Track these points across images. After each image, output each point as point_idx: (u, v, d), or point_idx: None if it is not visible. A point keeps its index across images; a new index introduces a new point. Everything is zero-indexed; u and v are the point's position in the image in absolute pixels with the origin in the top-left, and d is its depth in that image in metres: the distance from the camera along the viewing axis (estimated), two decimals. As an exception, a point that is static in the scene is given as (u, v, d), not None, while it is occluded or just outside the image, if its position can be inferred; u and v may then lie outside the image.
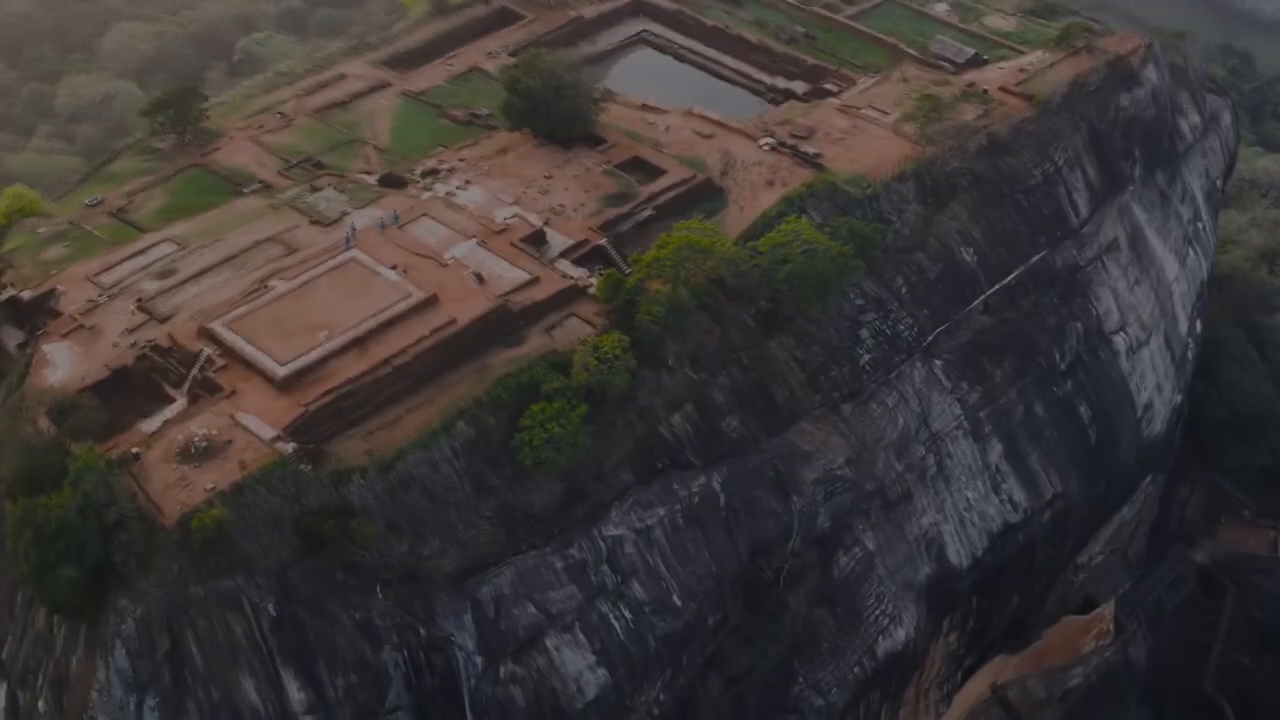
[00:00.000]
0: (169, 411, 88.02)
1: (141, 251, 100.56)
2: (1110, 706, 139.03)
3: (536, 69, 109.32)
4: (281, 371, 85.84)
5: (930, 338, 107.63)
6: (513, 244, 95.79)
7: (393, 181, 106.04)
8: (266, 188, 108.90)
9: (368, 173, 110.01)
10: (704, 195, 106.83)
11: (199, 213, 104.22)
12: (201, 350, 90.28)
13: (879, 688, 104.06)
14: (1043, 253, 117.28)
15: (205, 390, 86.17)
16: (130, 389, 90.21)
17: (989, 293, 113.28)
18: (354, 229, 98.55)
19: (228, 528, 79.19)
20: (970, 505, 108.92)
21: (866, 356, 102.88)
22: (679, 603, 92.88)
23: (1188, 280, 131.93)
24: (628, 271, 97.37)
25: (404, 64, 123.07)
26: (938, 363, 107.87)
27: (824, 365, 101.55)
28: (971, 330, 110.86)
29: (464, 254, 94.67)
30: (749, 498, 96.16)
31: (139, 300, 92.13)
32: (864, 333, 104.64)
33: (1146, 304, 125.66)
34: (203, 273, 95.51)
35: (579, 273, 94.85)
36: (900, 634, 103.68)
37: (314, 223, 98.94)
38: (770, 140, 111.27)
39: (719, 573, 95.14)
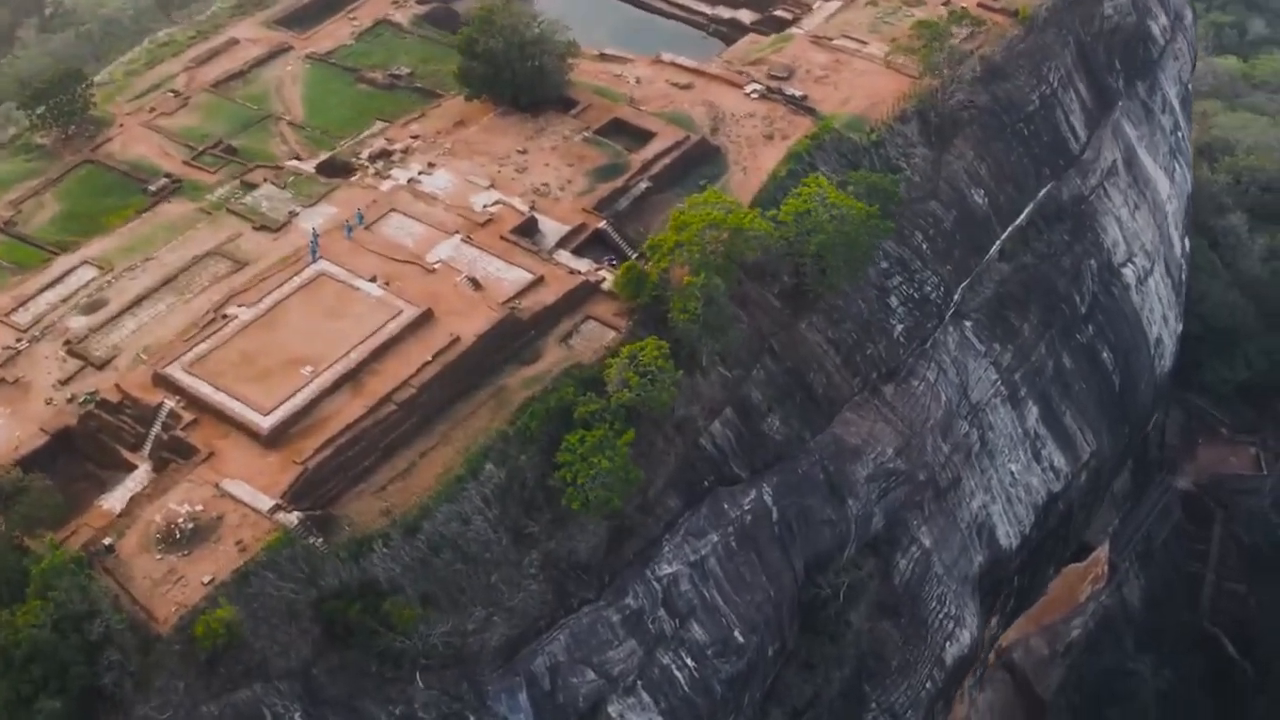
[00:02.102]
0: (132, 482, 74.46)
1: (58, 280, 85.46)
2: (1111, 655, 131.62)
3: (495, 26, 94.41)
4: (266, 423, 74.27)
5: (956, 296, 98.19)
6: (503, 237, 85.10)
7: (336, 169, 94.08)
8: (175, 183, 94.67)
9: (297, 158, 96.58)
10: (700, 158, 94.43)
11: (107, 221, 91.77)
12: (161, 403, 76.75)
13: (943, 698, 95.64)
14: (1048, 186, 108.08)
15: (173, 452, 74.81)
16: (75, 456, 76.60)
17: (1003, 237, 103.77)
18: (316, 235, 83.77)
19: (238, 629, 66.42)
20: (1015, 479, 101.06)
21: (899, 327, 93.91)
22: (741, 639, 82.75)
23: (1177, 197, 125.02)
24: (640, 258, 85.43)
25: (300, 22, 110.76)
26: (967, 324, 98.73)
27: (858, 343, 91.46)
28: (993, 282, 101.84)
29: (450, 255, 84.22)
30: (802, 508, 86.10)
31: (68, 342, 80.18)
32: (893, 300, 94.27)
33: (1147, 230, 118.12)
34: (138, 301, 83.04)
35: (584, 265, 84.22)
36: (965, 635, 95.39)
37: (260, 228, 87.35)
38: (758, 87, 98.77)
39: (776, 596, 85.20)
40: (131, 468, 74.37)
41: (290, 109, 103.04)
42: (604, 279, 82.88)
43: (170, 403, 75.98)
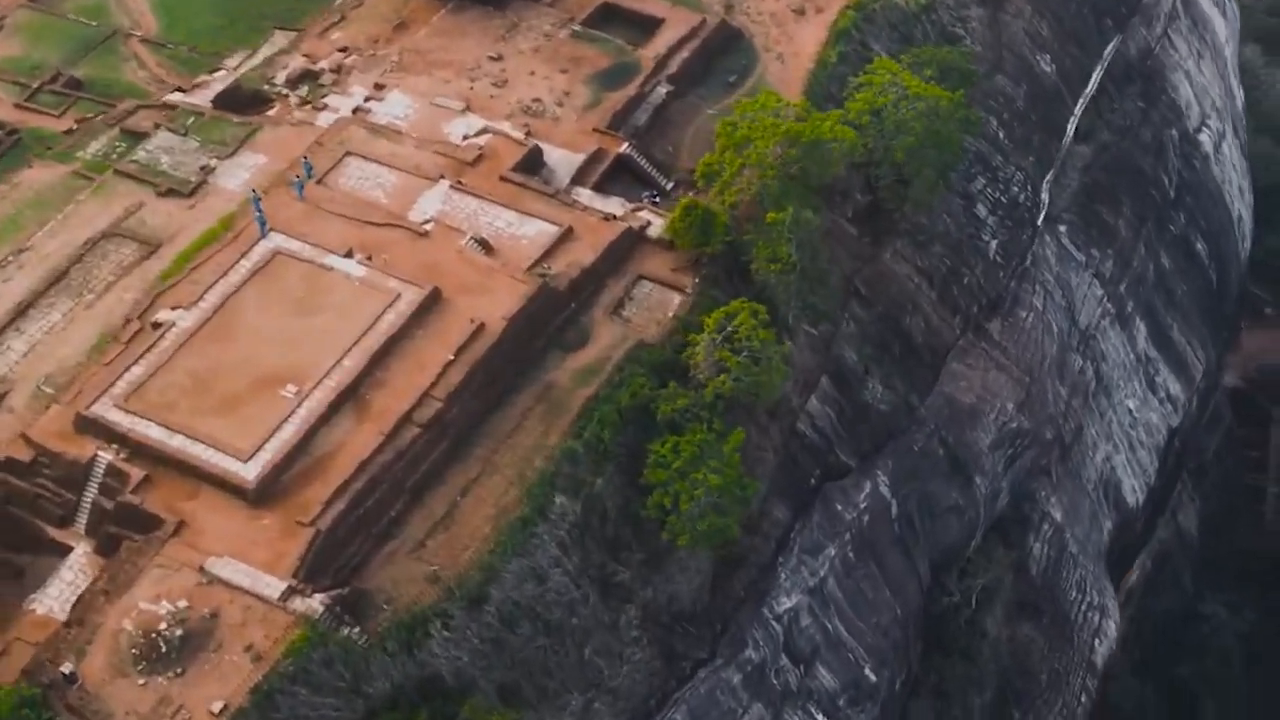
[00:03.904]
0: (71, 572, 64.53)
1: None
2: (1171, 594, 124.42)
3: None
4: (250, 471, 64.60)
5: (1044, 193, 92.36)
6: (503, 178, 76.76)
7: (243, 102, 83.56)
8: (12, 134, 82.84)
9: (180, 89, 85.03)
10: (722, 47, 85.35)
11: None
12: (93, 456, 65.88)
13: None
14: (1114, 41, 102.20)
15: (124, 525, 64.37)
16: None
17: (1078, 113, 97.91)
18: (258, 198, 73.61)
19: (274, 776, 55.20)
20: (1134, 418, 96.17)
21: (993, 244, 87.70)
22: (872, 676, 76.79)
23: (1231, 37, 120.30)
24: (685, 190, 77.18)
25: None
26: (1062, 229, 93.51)
27: (953, 270, 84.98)
28: (1076, 171, 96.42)
29: (441, 209, 75.53)
30: (923, 495, 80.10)
31: (-75, 381, 68.53)
32: (980, 208, 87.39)
33: (1214, 83, 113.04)
34: (22, 311, 72.89)
35: (615, 205, 76.25)
36: (1110, 627, 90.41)
37: (166, 193, 77.73)
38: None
39: (902, 614, 79.24)
40: (62, 550, 65.00)
41: (139, 20, 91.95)
42: (649, 223, 75.23)
43: (106, 455, 65.62)
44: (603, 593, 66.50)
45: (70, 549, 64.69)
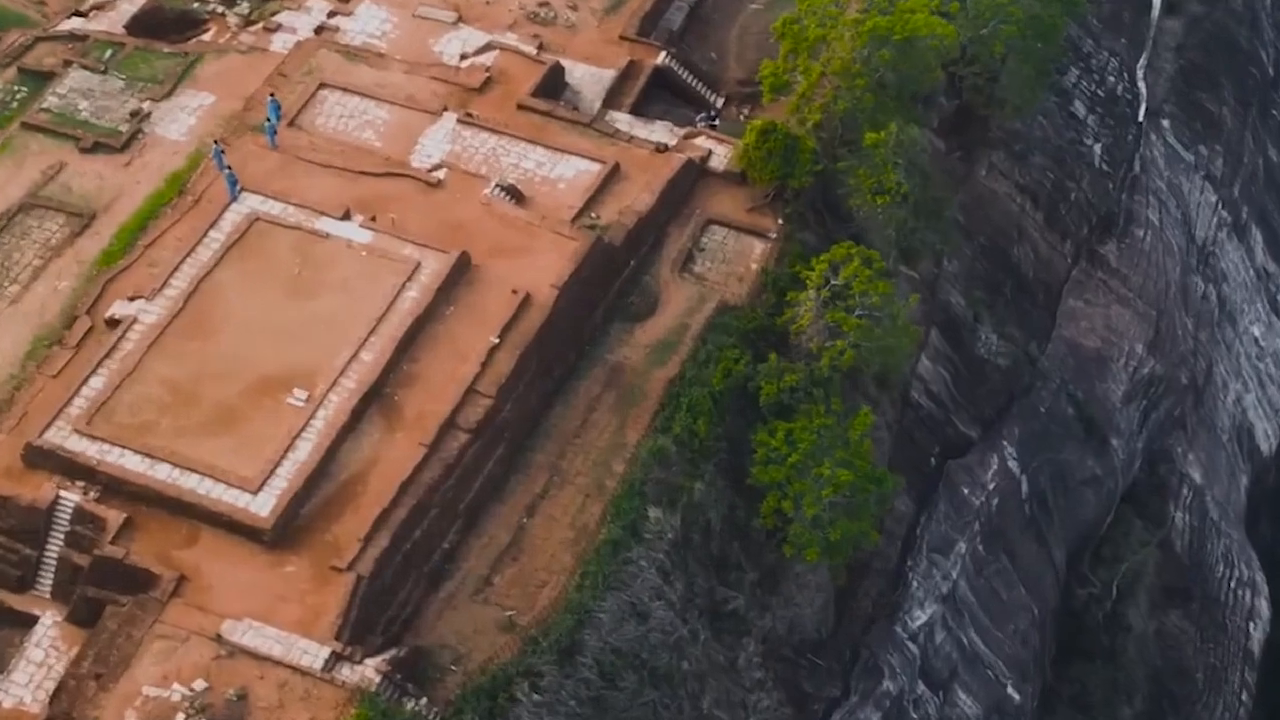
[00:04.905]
0: (41, 650, 59.13)
1: None
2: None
3: None
4: (265, 507, 59.13)
5: (1140, 83, 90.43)
6: (522, 105, 72.97)
7: (164, 25, 79.14)
8: None
9: (80, 13, 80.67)
10: None
11: None
12: (55, 499, 60.10)
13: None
14: None
15: (104, 585, 58.83)
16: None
17: None
18: (221, 151, 68.34)
19: None
20: (1261, 349, 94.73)
21: (1097, 149, 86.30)
22: (1015, 695, 74.79)
23: None
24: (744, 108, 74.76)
25: None
26: (1165, 124, 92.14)
27: (1058, 185, 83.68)
28: (1170, 51, 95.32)
29: (450, 148, 71.44)
30: (1056, 466, 78.12)
31: None
32: (1078, 106, 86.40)
33: None
34: None
35: (661, 132, 72.73)
36: (1263, 607, 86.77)
37: (92, 148, 72.47)
38: None
39: (1040, 614, 76.67)
40: (22, 621, 59.81)
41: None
42: (709, 153, 71.79)
43: (71, 496, 59.92)
44: (713, 626, 63.67)
45: (34, 619, 59.51)
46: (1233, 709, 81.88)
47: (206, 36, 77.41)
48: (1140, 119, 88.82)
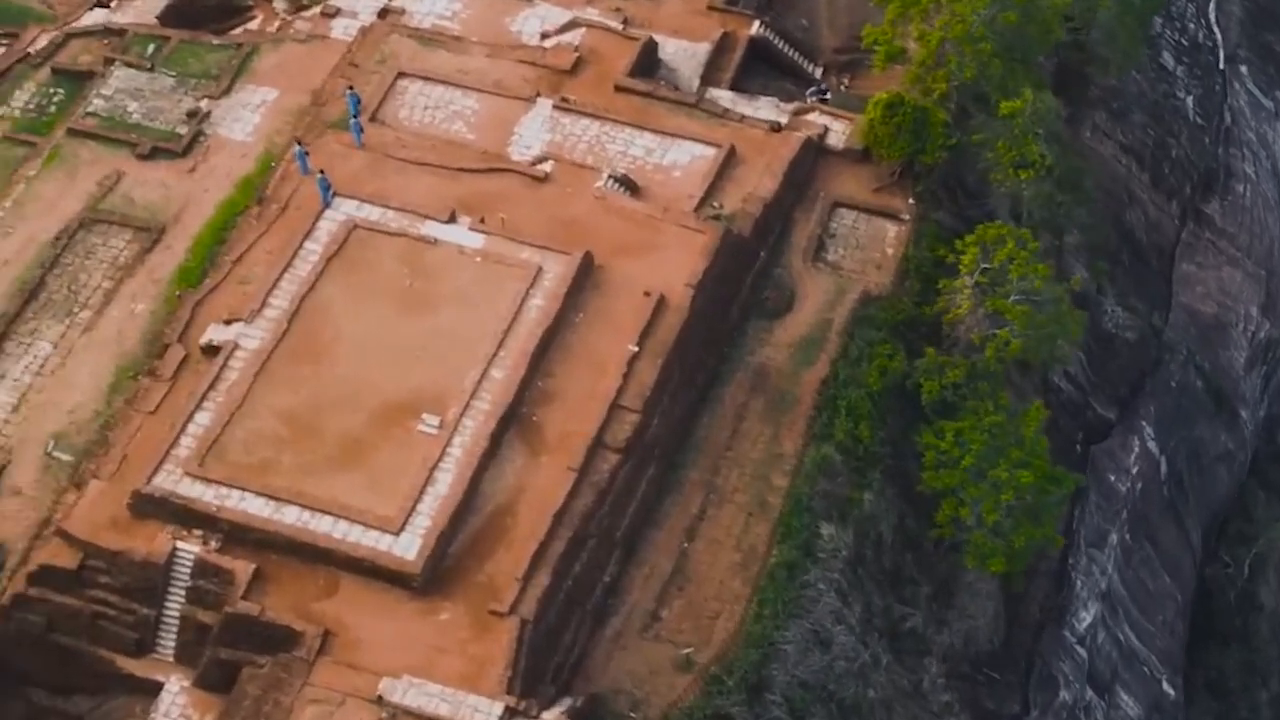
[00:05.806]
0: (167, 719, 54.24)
1: None
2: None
3: None
4: (411, 549, 54.52)
5: (1215, 24, 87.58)
6: (619, 87, 68.53)
7: (201, 14, 74.05)
8: None
9: (102, 4, 75.59)
10: None
11: None
12: (172, 549, 54.86)
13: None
14: None
15: (236, 645, 54.12)
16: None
17: None
18: (304, 154, 63.40)
19: None
20: None
21: (1189, 100, 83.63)
22: (1170, 690, 71.23)
23: None
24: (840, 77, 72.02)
25: None
26: (1243, 70, 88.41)
27: (1159, 143, 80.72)
28: None
29: (549, 138, 66.75)
30: (1190, 443, 75.46)
31: None
32: (1166, 58, 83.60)
33: None
34: None
35: (771, 109, 68.41)
36: None
37: (149, 154, 67.18)
38: None
39: (1182, 600, 73.30)
40: (144, 688, 55.02)
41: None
42: (826, 130, 67.68)
43: (190, 547, 54.78)
44: (893, 647, 60.27)
45: (158, 685, 54.86)
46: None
47: (253, 25, 72.12)
48: (1222, 66, 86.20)
